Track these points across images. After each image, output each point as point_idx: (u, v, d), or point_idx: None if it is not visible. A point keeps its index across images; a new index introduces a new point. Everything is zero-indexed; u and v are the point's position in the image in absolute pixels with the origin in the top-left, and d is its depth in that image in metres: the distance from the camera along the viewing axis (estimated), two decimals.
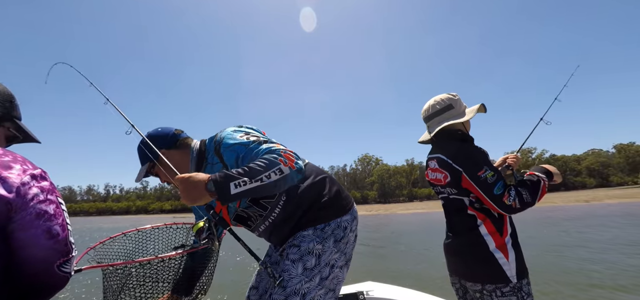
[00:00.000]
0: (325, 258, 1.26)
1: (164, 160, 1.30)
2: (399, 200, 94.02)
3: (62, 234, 0.81)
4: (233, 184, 1.01)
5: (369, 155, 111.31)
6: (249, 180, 1.03)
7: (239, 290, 6.41)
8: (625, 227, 12.71)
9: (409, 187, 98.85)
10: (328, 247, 1.27)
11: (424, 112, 1.70)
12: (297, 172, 1.14)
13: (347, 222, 1.34)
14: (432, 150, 1.68)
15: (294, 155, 1.15)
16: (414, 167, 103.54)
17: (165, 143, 1.34)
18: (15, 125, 0.98)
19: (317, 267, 1.23)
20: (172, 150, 1.34)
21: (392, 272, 7.37)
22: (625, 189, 60.18)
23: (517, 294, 1.38)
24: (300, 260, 1.23)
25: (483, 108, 1.62)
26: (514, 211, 1.40)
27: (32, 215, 0.75)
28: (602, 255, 7.55)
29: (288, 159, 1.11)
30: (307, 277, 1.21)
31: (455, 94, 1.65)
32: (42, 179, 0.81)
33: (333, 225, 1.31)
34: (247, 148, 1.20)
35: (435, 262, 7.79)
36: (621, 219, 15.44)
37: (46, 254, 0.78)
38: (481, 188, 1.41)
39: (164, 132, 1.36)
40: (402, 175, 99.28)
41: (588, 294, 5.11)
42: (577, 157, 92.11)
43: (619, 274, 5.92)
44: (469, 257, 1.49)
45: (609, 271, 6.18)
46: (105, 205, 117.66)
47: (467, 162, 1.45)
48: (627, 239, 9.83)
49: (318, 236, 1.27)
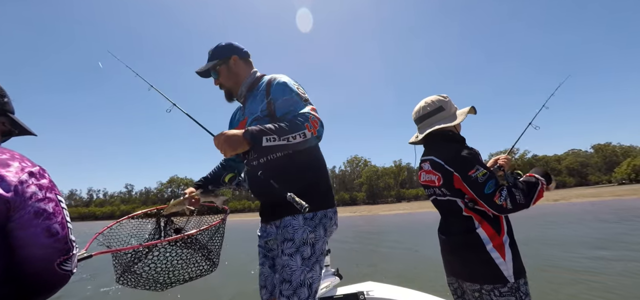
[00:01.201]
0: (319, 247, 1.32)
1: (232, 64, 1.52)
2: (387, 201, 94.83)
3: (62, 232, 0.80)
4: (265, 138, 1.20)
5: (358, 157, 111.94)
6: (278, 138, 1.21)
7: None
8: (563, 225, 13.64)
9: (397, 188, 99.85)
10: (320, 235, 1.33)
11: (415, 113, 1.71)
12: (316, 138, 1.31)
13: (332, 214, 1.42)
14: (425, 153, 1.69)
15: (318, 123, 1.30)
16: (402, 168, 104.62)
17: (240, 52, 1.54)
18: (9, 120, 0.97)
19: (314, 256, 1.30)
20: (240, 61, 1.54)
21: (376, 271, 7.46)
22: (598, 188, 62.62)
23: (515, 294, 1.38)
24: (297, 252, 1.27)
25: (473, 110, 1.64)
26: (505, 211, 1.39)
27: (31, 213, 0.74)
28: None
29: (314, 125, 1.28)
30: (307, 267, 1.27)
31: (446, 95, 1.66)
32: (41, 176, 0.80)
33: (320, 215, 1.36)
34: (288, 97, 1.36)
35: (411, 261, 7.92)
36: (570, 218, 16.39)
37: (46, 253, 0.77)
38: (472, 188, 1.41)
39: (240, 45, 1.56)
40: (390, 177, 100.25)
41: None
42: (557, 157, 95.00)
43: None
44: (466, 258, 1.48)
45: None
46: (88, 210, 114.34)
47: (458, 162, 1.46)
48: (545, 238, 10.52)
49: (309, 225, 1.32)
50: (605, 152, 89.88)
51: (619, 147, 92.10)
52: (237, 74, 1.52)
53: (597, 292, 4.94)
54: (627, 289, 4.95)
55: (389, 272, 7.42)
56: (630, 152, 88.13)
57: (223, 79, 1.53)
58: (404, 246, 11.55)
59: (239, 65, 1.53)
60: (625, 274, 5.77)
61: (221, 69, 1.52)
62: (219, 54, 1.52)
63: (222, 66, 1.52)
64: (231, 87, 1.54)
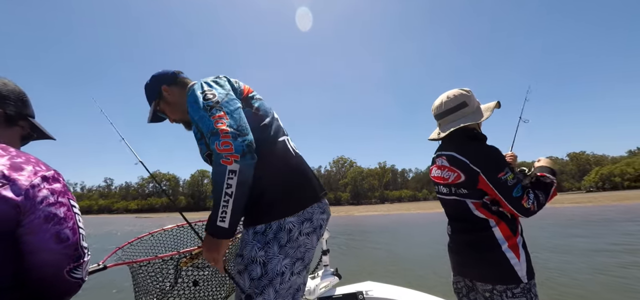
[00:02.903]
0: (272, 267, 1.13)
1: (166, 95, 1.36)
2: (371, 202, 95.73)
3: (73, 238, 0.78)
4: (219, 221, 1.03)
5: (343, 158, 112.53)
6: (226, 205, 1.03)
7: None
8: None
9: (381, 189, 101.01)
10: (273, 253, 1.14)
11: (436, 108, 1.60)
12: (245, 158, 1.04)
13: (292, 224, 1.17)
14: (442, 147, 1.60)
15: (231, 141, 1.03)
16: (386, 170, 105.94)
17: (166, 80, 1.38)
18: (30, 124, 0.96)
19: (266, 277, 1.12)
20: (172, 87, 1.37)
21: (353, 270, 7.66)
22: (567, 195, 65.22)
23: (527, 295, 1.36)
24: (245, 271, 1.15)
25: (498, 105, 1.54)
26: (531, 214, 1.37)
27: (41, 218, 0.73)
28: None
29: (225, 149, 1.02)
30: (257, 288, 1.12)
31: (468, 89, 1.55)
32: (54, 180, 0.79)
33: (275, 228, 1.16)
34: (199, 117, 1.13)
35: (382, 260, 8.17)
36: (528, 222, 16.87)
37: (55, 259, 0.75)
38: (500, 190, 1.36)
39: (164, 71, 1.41)
40: (374, 178, 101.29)
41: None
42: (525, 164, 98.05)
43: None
44: (479, 257, 1.45)
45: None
46: None
47: (487, 163, 1.39)
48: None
49: (258, 240, 1.15)
50: (579, 160, 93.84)
51: (592, 156, 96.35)
52: (175, 103, 1.36)
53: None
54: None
55: (364, 270, 7.62)
56: (602, 161, 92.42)
57: (170, 115, 1.40)
58: (388, 247, 11.81)
59: (173, 92, 1.37)
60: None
61: (162, 107, 1.39)
62: (151, 94, 1.39)
63: (161, 104, 1.39)
64: (181, 118, 1.39)
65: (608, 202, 34.46)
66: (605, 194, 57.82)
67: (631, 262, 7.04)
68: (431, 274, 6.69)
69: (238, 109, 1.13)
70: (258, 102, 1.27)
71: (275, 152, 1.23)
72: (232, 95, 1.17)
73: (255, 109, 1.25)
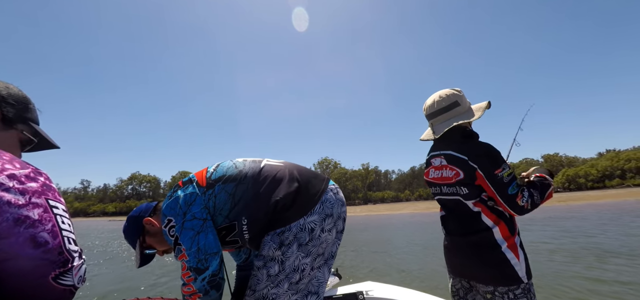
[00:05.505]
0: (289, 264, 1.20)
1: (149, 227, 1.32)
2: (355, 203, 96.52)
3: (53, 242, 0.70)
4: None
5: (328, 159, 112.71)
6: None
7: None
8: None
9: (364, 190, 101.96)
10: (292, 252, 1.20)
11: (428, 108, 1.60)
12: (209, 295, 1.19)
13: (314, 223, 1.23)
14: (437, 147, 1.61)
15: (192, 285, 1.17)
16: (370, 171, 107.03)
17: (146, 213, 1.34)
18: (30, 129, 0.93)
19: (283, 273, 1.20)
20: (152, 218, 1.33)
21: None
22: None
23: (527, 295, 1.36)
24: (264, 268, 1.22)
25: (489, 105, 1.56)
26: (524, 212, 1.38)
27: (10, 221, 0.65)
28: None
29: (191, 294, 1.17)
30: (273, 282, 1.20)
31: (459, 89, 1.58)
32: (28, 179, 0.72)
33: (294, 230, 1.21)
34: (177, 251, 1.20)
35: None
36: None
37: (35, 265, 0.68)
38: (496, 187, 1.37)
39: (139, 207, 1.38)
40: (358, 179, 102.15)
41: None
42: (513, 165, 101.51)
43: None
44: (479, 259, 1.44)
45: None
46: None
47: (485, 159, 1.40)
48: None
49: (275, 242, 1.21)
50: (552, 162, 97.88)
51: (565, 157, 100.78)
52: (159, 231, 1.29)
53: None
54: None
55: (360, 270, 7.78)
56: (574, 162, 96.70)
57: (158, 246, 1.35)
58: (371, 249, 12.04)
59: (153, 223, 1.30)
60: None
61: (148, 240, 1.34)
62: (132, 235, 1.33)
63: (146, 239, 1.34)
64: (170, 247, 1.31)
65: (573, 202, 36.05)
66: (570, 194, 60.33)
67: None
68: (421, 272, 6.90)
69: (196, 237, 1.17)
70: (227, 172, 1.29)
71: (265, 182, 1.27)
72: (189, 220, 1.19)
73: (224, 180, 1.27)
